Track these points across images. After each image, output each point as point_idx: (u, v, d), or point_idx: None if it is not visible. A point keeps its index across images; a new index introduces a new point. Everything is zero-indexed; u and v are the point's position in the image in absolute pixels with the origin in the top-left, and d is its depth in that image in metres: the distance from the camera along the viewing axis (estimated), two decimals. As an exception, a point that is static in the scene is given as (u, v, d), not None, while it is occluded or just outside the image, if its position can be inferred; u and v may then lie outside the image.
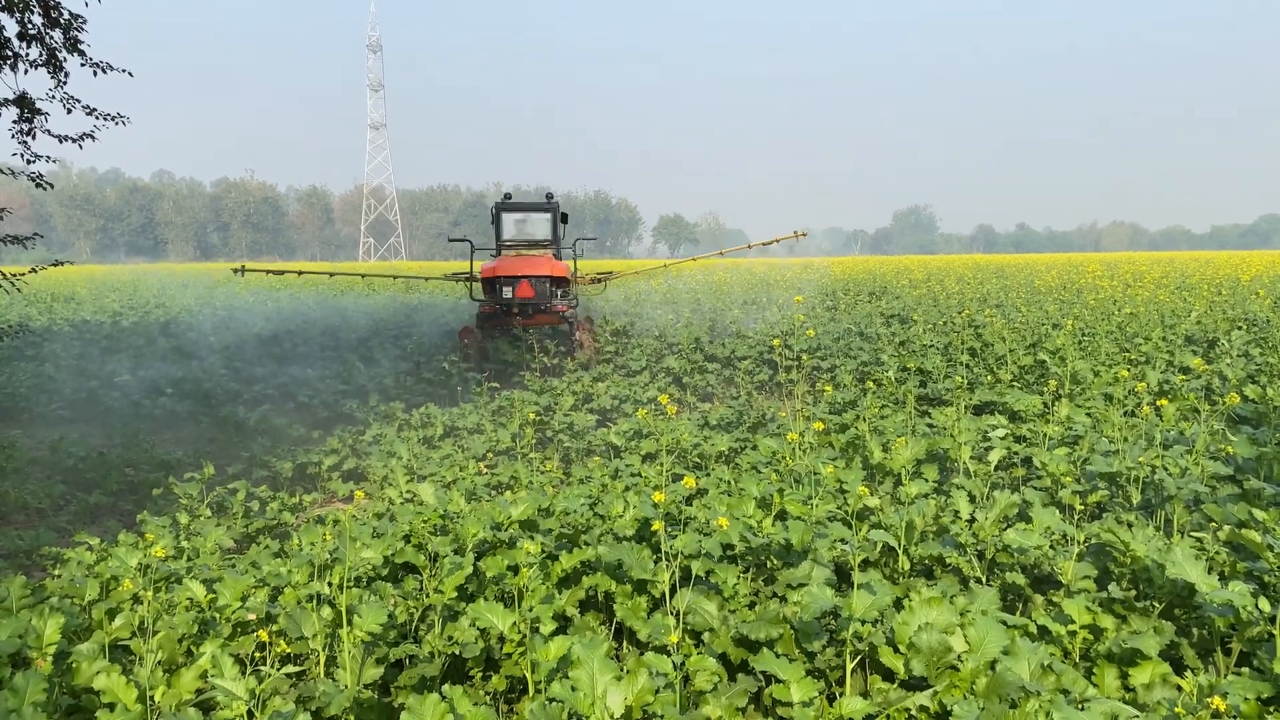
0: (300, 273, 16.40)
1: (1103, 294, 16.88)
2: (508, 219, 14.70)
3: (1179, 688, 3.03)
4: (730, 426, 8.00)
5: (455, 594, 3.73)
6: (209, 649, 3.21)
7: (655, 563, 3.75)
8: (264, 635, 3.11)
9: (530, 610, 3.45)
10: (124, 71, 9.21)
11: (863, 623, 3.28)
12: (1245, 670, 3.08)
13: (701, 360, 11.85)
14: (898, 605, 3.60)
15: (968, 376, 9.36)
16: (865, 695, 3.19)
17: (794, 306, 17.21)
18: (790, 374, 10.65)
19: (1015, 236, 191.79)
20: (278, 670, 3.07)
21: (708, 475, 6.03)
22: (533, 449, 7.72)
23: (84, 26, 8.76)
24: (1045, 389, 7.37)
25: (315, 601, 3.57)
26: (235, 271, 14.54)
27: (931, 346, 11.47)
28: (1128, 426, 6.06)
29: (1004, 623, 3.33)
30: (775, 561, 4.00)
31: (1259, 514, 4.03)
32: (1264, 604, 3.10)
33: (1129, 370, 8.63)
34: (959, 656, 3.08)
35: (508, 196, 14.49)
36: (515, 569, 3.81)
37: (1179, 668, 3.39)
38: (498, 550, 4.14)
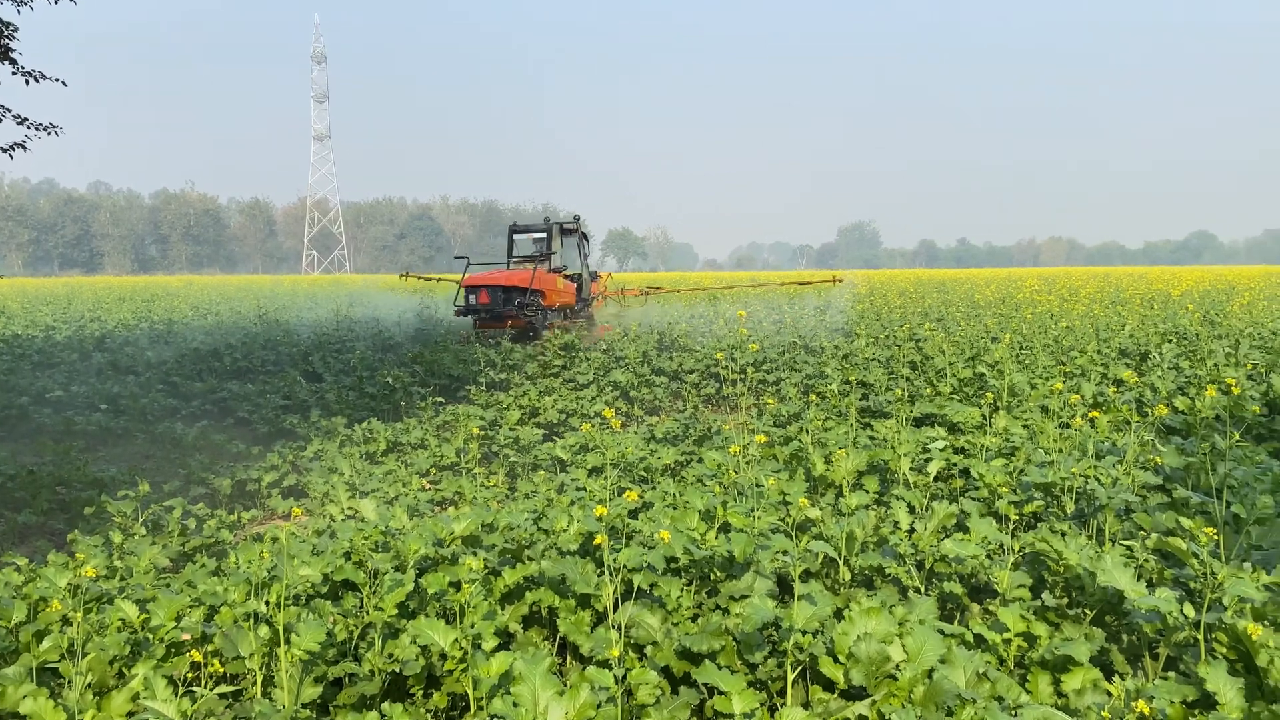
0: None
1: (1040, 308, 17.26)
2: (517, 239, 18.19)
3: (1109, 693, 3.10)
4: (676, 440, 8.03)
5: (396, 611, 3.69)
6: (141, 670, 3.14)
7: (599, 577, 3.75)
8: (198, 656, 3.05)
9: (472, 626, 3.43)
10: (57, 80, 9.01)
11: (804, 633, 3.31)
12: (1172, 674, 3.17)
13: (649, 374, 11.88)
14: (838, 615, 3.64)
15: (908, 389, 9.50)
16: (806, 706, 3.22)
17: (739, 320, 17.34)
18: (736, 387, 10.73)
19: (956, 251, 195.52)
20: (212, 691, 3.01)
21: (653, 489, 6.04)
22: (477, 464, 7.67)
23: (15, 34, 8.56)
24: (983, 401, 7.52)
25: (252, 620, 3.51)
26: (401, 277, 20.85)
27: (874, 360, 11.63)
28: (1062, 438, 6.20)
29: (941, 632, 3.39)
30: (718, 573, 4.02)
31: (1186, 522, 4.14)
32: (1189, 610, 3.20)
33: (1064, 383, 8.83)
34: (897, 666, 3.13)
35: (515, 224, 18.51)
36: (457, 585, 3.78)
37: (1109, 673, 3.47)
38: (440, 566, 4.11)
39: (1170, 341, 12.01)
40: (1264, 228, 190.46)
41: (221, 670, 3.32)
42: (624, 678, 3.09)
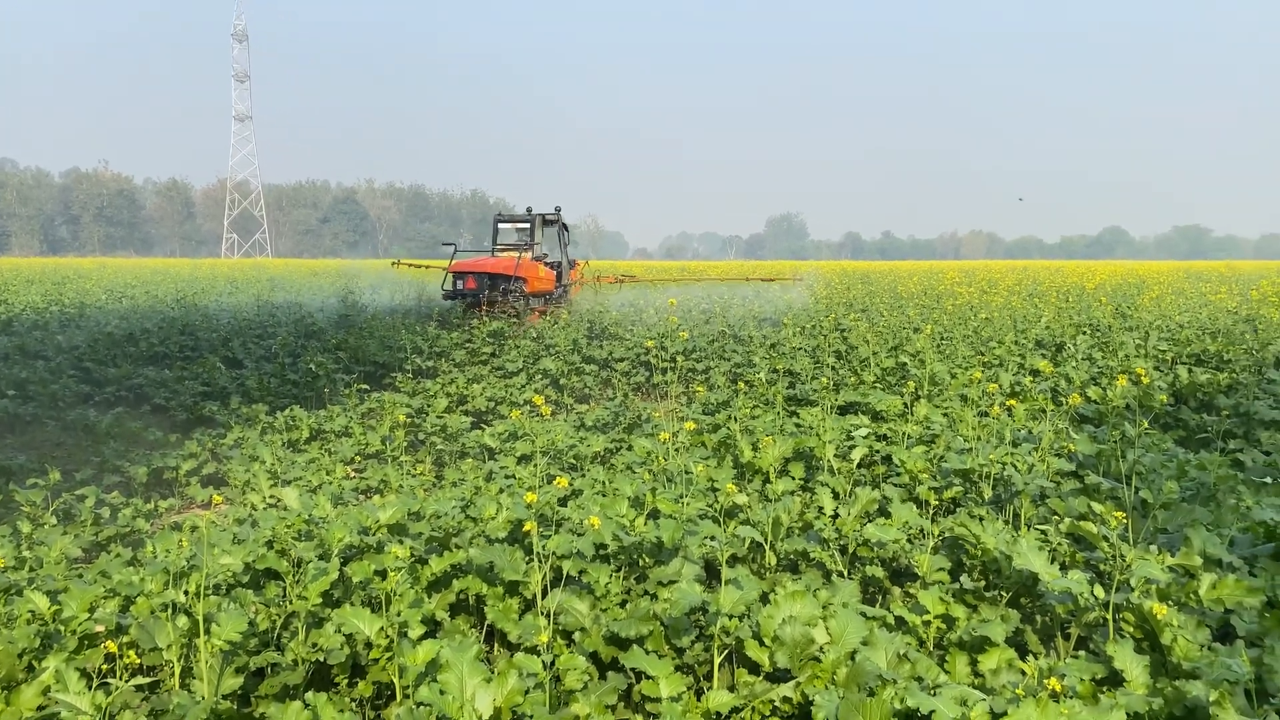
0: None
1: (960, 300, 17.67)
2: (502, 228, 19.71)
3: (1023, 672, 3.21)
4: (606, 427, 8.04)
5: (320, 600, 3.64)
6: (52, 663, 3.04)
7: (527, 564, 3.74)
8: (113, 647, 2.97)
9: (398, 615, 3.40)
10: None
11: (730, 617, 3.35)
12: (1082, 653, 3.29)
13: (579, 362, 11.87)
14: (764, 599, 3.69)
15: (833, 378, 9.66)
16: (732, 689, 3.26)
17: (669, 309, 17.41)
18: (666, 376, 10.78)
19: (881, 244, 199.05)
20: (127, 683, 2.93)
21: (583, 476, 6.05)
22: (404, 452, 7.58)
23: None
24: (905, 390, 7.68)
25: (170, 611, 3.42)
26: (393, 265, 21.84)
27: (801, 349, 11.79)
28: (981, 426, 6.37)
29: (864, 614, 3.46)
30: (647, 559, 4.05)
31: (1097, 507, 4.30)
32: (1099, 591, 3.32)
33: (982, 372, 9.07)
34: (821, 648, 3.19)
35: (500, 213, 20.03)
36: (383, 574, 3.73)
37: (1024, 652, 3.59)
38: (365, 555, 4.06)
39: (1084, 333, 12.41)
40: (1173, 224, 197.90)
41: (138, 662, 3.24)
42: (552, 664, 3.10)
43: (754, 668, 3.34)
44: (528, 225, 19.17)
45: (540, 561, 3.62)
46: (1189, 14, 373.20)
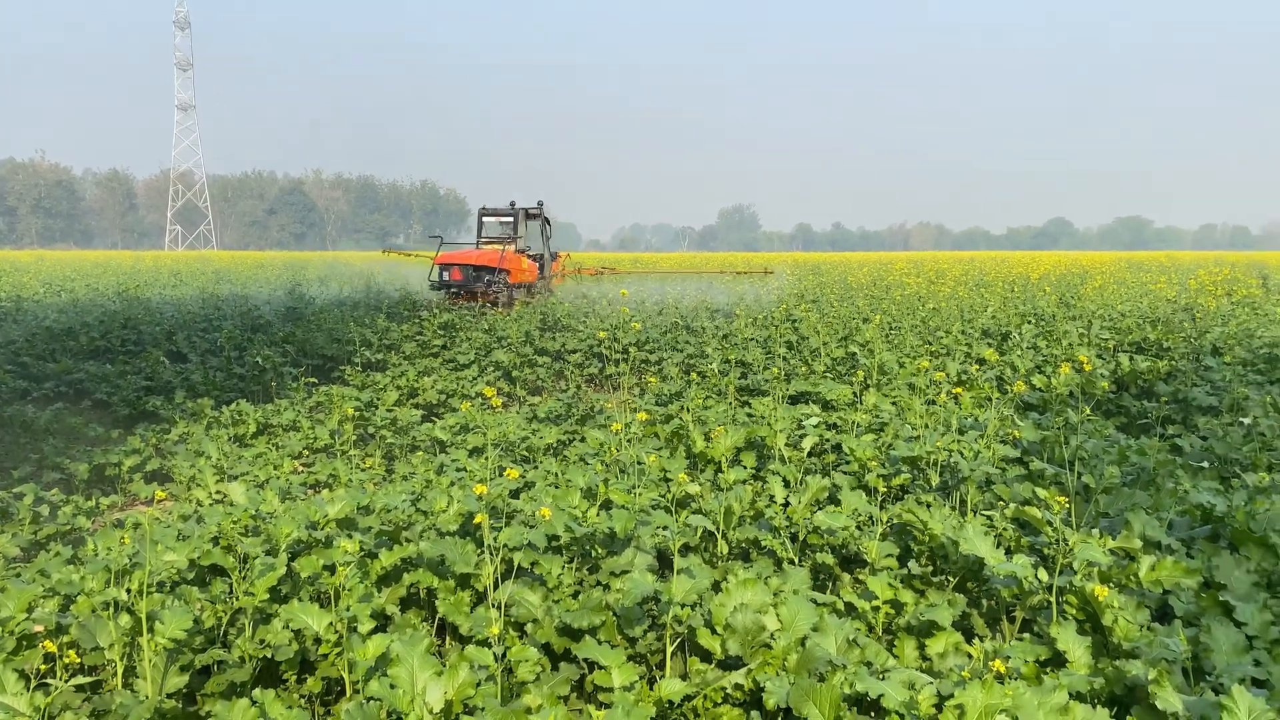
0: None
1: (909, 290, 17.89)
2: (486, 221, 20.07)
3: (970, 655, 3.26)
4: (559, 419, 8.02)
5: (268, 596, 3.58)
6: (-12, 666, 2.96)
7: (479, 557, 3.72)
8: (51, 647, 2.90)
9: (347, 609, 3.36)
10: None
11: (682, 606, 3.36)
12: (1027, 636, 3.36)
13: (531, 354, 11.82)
14: (716, 588, 3.71)
15: (785, 368, 9.73)
16: (684, 677, 3.28)
17: (621, 300, 17.41)
18: (619, 367, 10.77)
19: (831, 235, 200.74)
20: (68, 683, 2.86)
21: (536, 468, 6.02)
22: (353, 446, 7.49)
23: None
24: (855, 379, 7.76)
25: (112, 609, 3.35)
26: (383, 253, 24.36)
27: (752, 340, 11.85)
28: (928, 414, 6.46)
29: (814, 601, 3.49)
30: (600, 550, 4.05)
31: (1041, 492, 4.38)
32: (1043, 575, 3.38)
33: (930, 361, 9.19)
34: (772, 635, 3.21)
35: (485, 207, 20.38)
36: (332, 568, 3.69)
37: (970, 636, 3.65)
38: (314, 550, 4.00)
39: (1029, 322, 12.64)
40: (1115, 216, 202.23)
41: (79, 662, 3.16)
42: (504, 656, 3.09)
43: (706, 656, 3.36)
44: (511, 219, 19.77)
45: (492, 554, 3.60)
46: (1128, 9, 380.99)
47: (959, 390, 6.35)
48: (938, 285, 19.28)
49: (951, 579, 3.83)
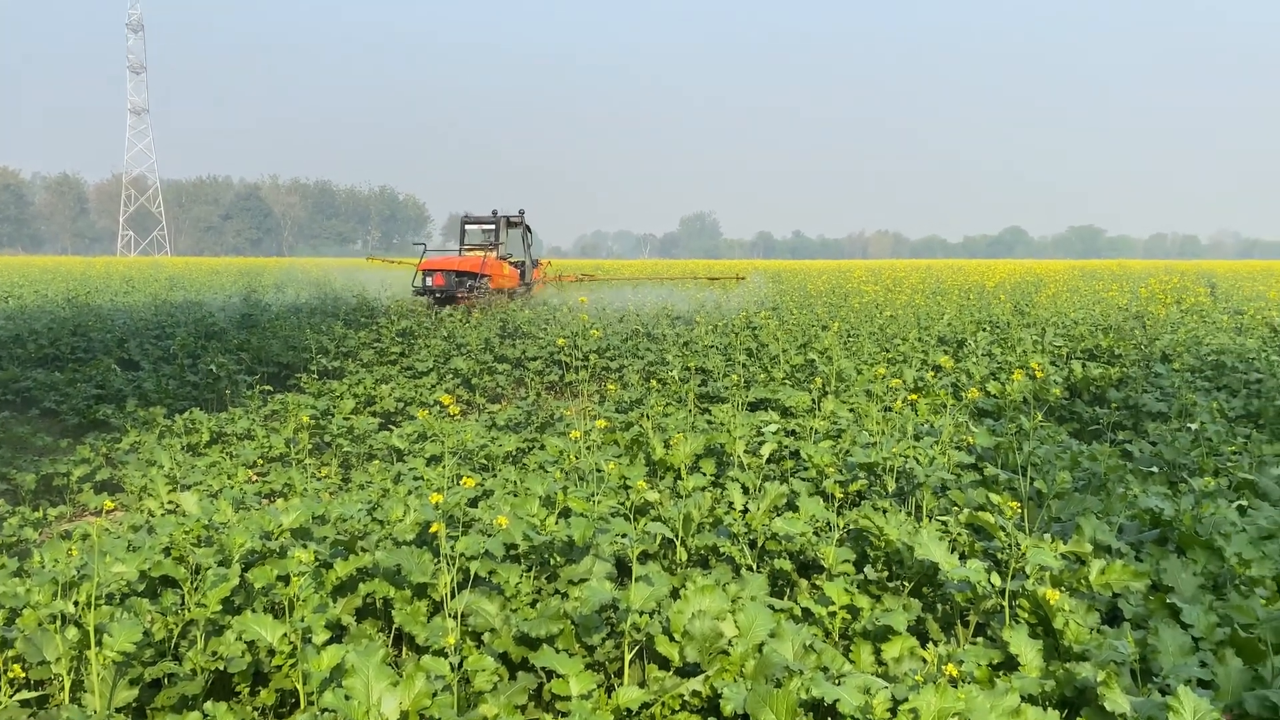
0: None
1: (867, 298, 18.07)
2: (469, 229, 21.14)
3: (924, 659, 3.30)
4: (519, 427, 7.99)
5: (220, 607, 3.53)
6: (-72, 682, 2.89)
7: (436, 566, 3.69)
8: (-5, 663, 2.83)
9: (302, 620, 3.32)
10: None
11: (641, 614, 3.36)
12: (980, 640, 3.40)
13: (491, 361, 11.76)
14: (675, 595, 3.72)
15: (744, 375, 9.78)
16: (642, 684, 3.28)
17: (579, 308, 17.39)
18: (579, 374, 10.76)
19: (791, 243, 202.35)
20: (12, 698, 2.80)
21: (495, 476, 6.00)
22: (309, 455, 7.40)
23: None
24: (813, 386, 7.82)
25: (59, 622, 3.27)
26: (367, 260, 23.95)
27: (712, 347, 11.90)
28: (885, 420, 6.52)
29: (771, 607, 3.51)
30: (559, 558, 4.04)
31: (994, 498, 4.45)
32: (996, 579, 3.43)
33: (887, 368, 9.29)
34: (730, 641, 3.22)
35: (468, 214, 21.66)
36: (286, 579, 3.64)
37: (926, 640, 3.69)
38: (268, 560, 3.95)
39: (984, 330, 12.82)
40: (1069, 225, 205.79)
41: (24, 676, 3.09)
42: (460, 665, 3.07)
43: (664, 663, 3.36)
44: (493, 226, 20.60)
45: (449, 563, 3.57)
46: (1081, 23, 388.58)
47: (914, 396, 6.42)
48: (895, 293, 19.50)
49: (907, 584, 3.86)
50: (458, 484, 5.34)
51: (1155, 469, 5.79)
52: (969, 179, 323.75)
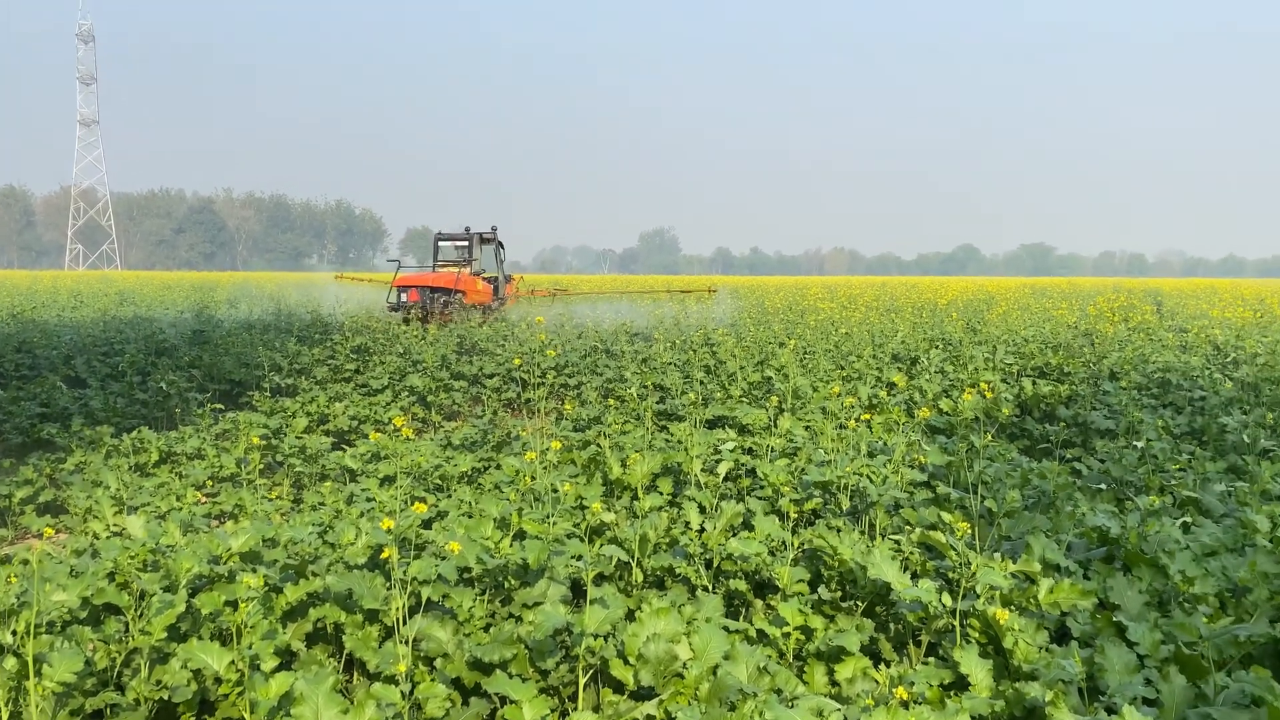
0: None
1: (823, 316, 18.23)
2: (442, 245, 21.56)
3: (877, 681, 3.32)
4: (474, 446, 7.93)
5: (165, 634, 3.46)
6: None
7: (388, 590, 3.65)
8: (-73, 697, 2.74)
9: (250, 647, 3.26)
10: None
11: (595, 637, 3.35)
12: (932, 660, 3.43)
13: (447, 378, 11.68)
14: (630, 617, 3.71)
15: (702, 392, 9.81)
16: (597, 709, 3.26)
17: (537, 326, 17.36)
18: (537, 391, 10.71)
19: (750, 259, 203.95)
20: (-56, 735, 2.71)
21: (449, 497, 5.94)
22: (260, 475, 7.29)
23: None
24: (770, 404, 7.86)
25: (-5, 653, 3.19)
26: (335, 278, 23.66)
27: (671, 364, 11.93)
28: (840, 438, 6.57)
29: (726, 629, 3.52)
30: (513, 581, 4.01)
31: (946, 516, 4.50)
32: (947, 599, 3.46)
33: (841, 386, 9.37)
34: (685, 664, 3.22)
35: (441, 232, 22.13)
36: (234, 604, 3.58)
37: (879, 660, 3.71)
38: (215, 585, 3.87)
39: (937, 347, 12.98)
40: (1020, 243, 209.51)
41: (-43, 710, 3.00)
42: (411, 692, 3.03)
43: (619, 687, 3.35)
44: (466, 243, 21.06)
45: (401, 587, 3.53)
46: (1033, 48, 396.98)
47: (867, 415, 6.48)
48: (850, 311, 19.70)
49: (860, 603, 3.89)
50: (411, 506, 5.29)
51: (1103, 486, 5.89)
52: (923, 197, 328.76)
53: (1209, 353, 12.88)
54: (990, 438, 5.60)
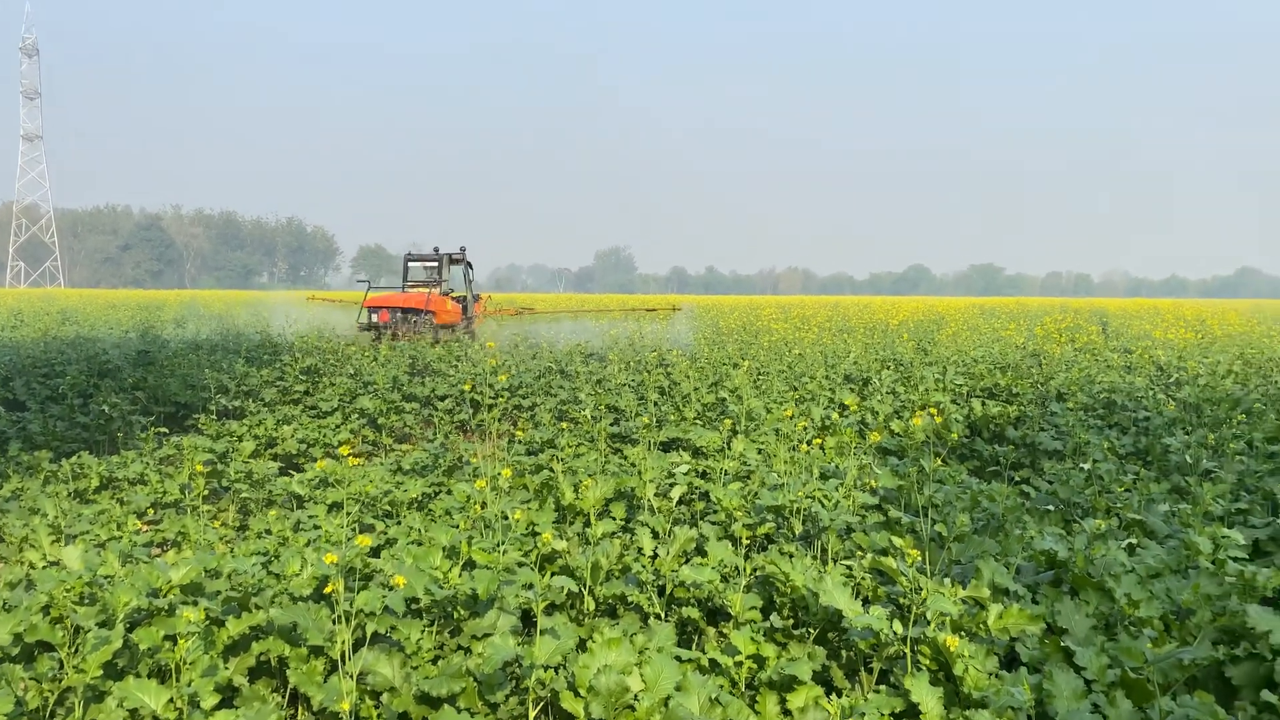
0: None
1: (776, 336, 18.34)
2: (412, 266, 21.78)
3: (828, 711, 3.30)
4: (425, 470, 7.83)
5: (101, 672, 3.35)
6: None
7: (334, 622, 3.57)
8: None
9: (189, 684, 3.17)
10: None
11: (546, 668, 3.30)
12: (884, 687, 3.43)
13: (399, 400, 11.54)
14: (581, 647, 3.67)
15: (657, 414, 9.79)
16: (547, 743, 3.21)
17: (488, 351, 17.26)
18: (492, 412, 10.63)
19: (705, 278, 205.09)
20: None
21: (399, 524, 5.85)
22: (205, 501, 7.13)
23: None
24: (723, 426, 7.87)
25: (-81, 695, 3.06)
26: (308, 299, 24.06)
27: (625, 385, 11.90)
28: (793, 460, 6.59)
29: (678, 658, 3.49)
30: (462, 612, 3.95)
31: (897, 541, 4.51)
32: (898, 626, 3.47)
33: (795, 408, 9.41)
34: (636, 696, 3.19)
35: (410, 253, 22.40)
36: (174, 639, 3.48)
37: (830, 688, 3.70)
38: (155, 619, 3.77)
39: (889, 368, 13.11)
40: (970, 263, 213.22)
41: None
42: (357, 730, 2.96)
43: (570, 719, 3.30)
44: (436, 264, 21.53)
45: (347, 619, 3.46)
46: (983, 72, 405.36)
47: (819, 440, 6.52)
48: (804, 331, 19.84)
49: (812, 630, 3.88)
50: (360, 534, 5.20)
51: (1051, 508, 5.97)
52: (875, 218, 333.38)
53: (1153, 373, 13.16)
54: (940, 462, 5.65)
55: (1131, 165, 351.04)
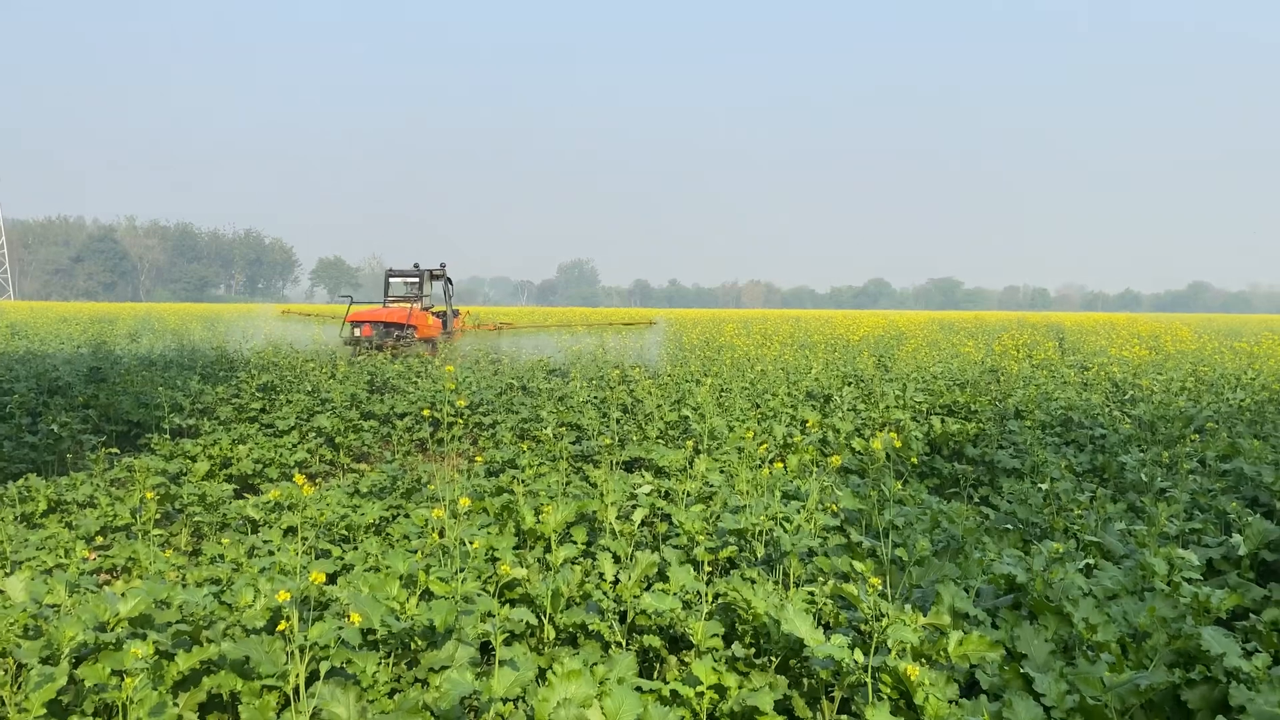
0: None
1: (738, 353, 18.39)
2: (393, 281, 22.16)
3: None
4: (383, 493, 7.73)
5: (44, 711, 3.25)
6: None
7: (288, 656, 3.49)
8: None
9: (136, 724, 3.08)
10: None
11: (505, 701, 3.25)
12: (845, 717, 3.41)
13: (357, 418, 11.39)
14: (541, 678, 3.62)
15: (619, 432, 9.76)
16: (506, 779, 3.16)
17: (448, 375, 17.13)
18: (452, 431, 10.53)
19: (668, 291, 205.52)
20: None
21: (355, 549, 5.76)
22: (157, 524, 6.97)
23: None
24: (687, 445, 7.85)
25: None
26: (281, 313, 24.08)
27: (588, 402, 11.85)
28: (754, 481, 6.58)
29: (639, 689, 3.45)
30: (420, 643, 3.88)
31: (859, 565, 4.51)
32: (859, 655, 3.46)
33: (757, 426, 9.42)
34: (596, 730, 3.14)
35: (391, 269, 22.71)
36: (122, 675, 3.38)
37: (793, 718, 3.68)
38: (101, 654, 3.66)
39: (850, 384, 13.18)
40: (929, 277, 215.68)
41: None
42: (310, 771, 2.89)
43: (529, 754, 3.25)
44: (417, 279, 22.01)
45: (301, 653, 3.38)
46: (946, 91, 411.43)
47: (779, 465, 6.52)
48: (766, 348, 19.91)
49: (774, 659, 3.87)
50: (316, 559, 5.10)
51: (1010, 528, 6.01)
52: (836, 233, 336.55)
53: (1109, 390, 13.35)
54: (901, 484, 5.67)
55: (1087, 182, 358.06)
